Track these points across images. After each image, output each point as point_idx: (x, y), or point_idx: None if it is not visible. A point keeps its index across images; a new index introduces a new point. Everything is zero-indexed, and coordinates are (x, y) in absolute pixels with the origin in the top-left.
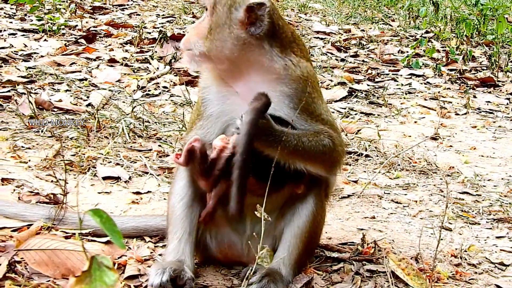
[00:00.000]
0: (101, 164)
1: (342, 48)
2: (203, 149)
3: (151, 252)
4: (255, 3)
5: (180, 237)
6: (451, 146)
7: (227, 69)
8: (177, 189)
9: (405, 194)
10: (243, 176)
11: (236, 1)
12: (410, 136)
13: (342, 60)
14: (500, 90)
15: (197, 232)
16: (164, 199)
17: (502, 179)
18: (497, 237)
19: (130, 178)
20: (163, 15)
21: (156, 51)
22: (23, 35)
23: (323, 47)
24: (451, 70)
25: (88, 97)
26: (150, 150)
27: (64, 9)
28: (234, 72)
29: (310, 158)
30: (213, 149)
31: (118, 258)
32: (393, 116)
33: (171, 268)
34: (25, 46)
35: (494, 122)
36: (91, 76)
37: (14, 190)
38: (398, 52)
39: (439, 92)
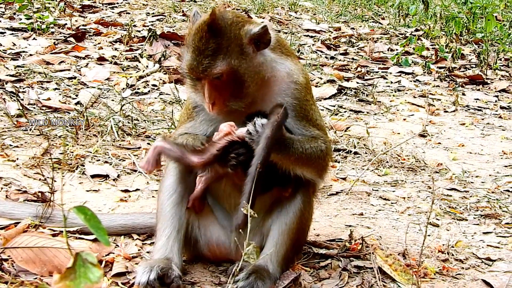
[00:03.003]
0: (89, 162)
1: (332, 46)
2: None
3: (139, 250)
4: (257, 33)
5: (168, 234)
6: (439, 143)
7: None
8: (167, 186)
9: (393, 191)
10: (255, 189)
11: (242, 42)
12: (399, 133)
13: (332, 58)
14: (489, 88)
15: (186, 229)
16: (153, 197)
17: (490, 175)
18: (484, 233)
19: (118, 176)
20: (153, 13)
21: (145, 50)
22: (12, 33)
23: (313, 45)
24: (440, 67)
25: (77, 95)
26: (139, 148)
27: (53, 7)
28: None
29: (309, 164)
30: (219, 132)
31: (106, 255)
32: (382, 113)
33: (158, 266)
34: (14, 44)
35: (482, 119)
36: (80, 74)
37: (2, 188)
38: (388, 50)
39: (428, 89)
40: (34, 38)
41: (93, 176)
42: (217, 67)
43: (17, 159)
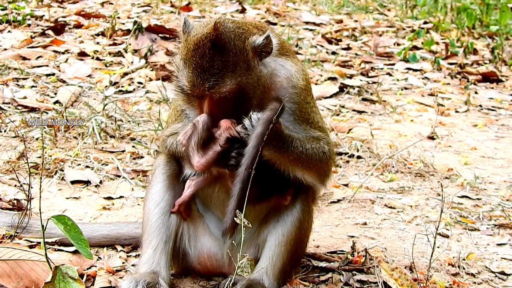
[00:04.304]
0: (69, 167)
1: (333, 40)
2: (207, 124)
3: (123, 263)
4: (261, 44)
5: (155, 246)
6: (450, 146)
7: None
8: (153, 193)
9: (400, 199)
10: (244, 191)
11: (247, 57)
12: (405, 135)
13: (333, 53)
14: (504, 86)
15: (175, 240)
16: (138, 204)
17: (504, 181)
18: (498, 244)
19: (101, 182)
20: (139, 4)
21: (130, 44)
22: None
23: (312, 39)
24: (451, 64)
25: (55, 93)
26: (123, 151)
27: None
28: None
29: (310, 165)
30: (219, 127)
31: (87, 268)
32: (387, 114)
33: (144, 281)
34: None
35: (496, 120)
36: (59, 71)
37: None
38: (394, 45)
39: (437, 88)
40: (9, 31)
41: (73, 182)
42: (226, 86)
43: None
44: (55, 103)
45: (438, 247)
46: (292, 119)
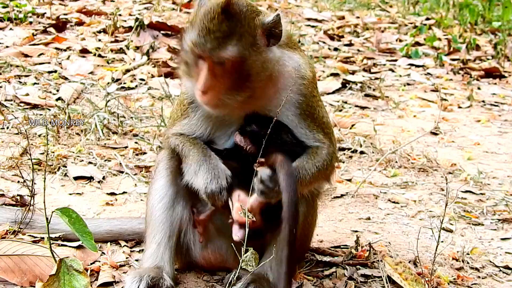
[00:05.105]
0: (72, 163)
1: (335, 36)
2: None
3: (127, 258)
4: (270, 22)
5: (159, 241)
6: (453, 141)
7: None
8: (157, 188)
9: (403, 193)
10: (292, 253)
11: (255, 32)
12: (408, 131)
13: (335, 49)
14: (506, 81)
15: (178, 235)
16: (141, 200)
17: (508, 176)
18: (502, 239)
19: (104, 178)
20: (140, 1)
21: (132, 41)
22: None
23: (314, 35)
24: (453, 59)
25: (58, 90)
26: (126, 147)
27: None
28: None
29: (316, 181)
30: (232, 203)
31: (91, 263)
32: (390, 109)
33: (148, 276)
34: None
35: (499, 115)
36: (61, 68)
37: None
38: (396, 41)
39: (440, 83)
40: (10, 29)
41: (76, 178)
42: (227, 51)
43: None
44: (57, 100)
45: (442, 241)
46: (298, 113)
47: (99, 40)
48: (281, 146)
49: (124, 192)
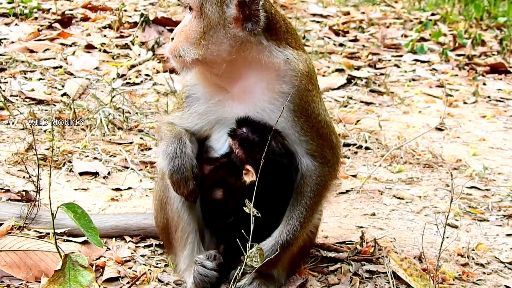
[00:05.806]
0: (77, 158)
1: (340, 32)
2: None
3: (132, 253)
4: None
5: (192, 241)
6: (458, 137)
7: (223, 72)
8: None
9: (408, 189)
10: None
11: None
12: (414, 126)
13: (341, 45)
14: None
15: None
16: (147, 195)
17: None
18: (508, 235)
19: (109, 173)
20: None
21: (137, 36)
22: None
23: (319, 31)
24: (458, 55)
25: (63, 86)
26: (131, 143)
27: None
28: (230, 74)
29: (309, 221)
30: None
31: (96, 259)
32: (395, 105)
33: (210, 255)
34: None
35: (505, 111)
36: (67, 63)
37: None
38: (402, 36)
39: (445, 79)
40: (16, 24)
41: (81, 174)
42: None
43: None
44: (62, 95)
45: (447, 237)
46: (290, 107)
47: (105, 35)
48: (266, 154)
49: (129, 188)
